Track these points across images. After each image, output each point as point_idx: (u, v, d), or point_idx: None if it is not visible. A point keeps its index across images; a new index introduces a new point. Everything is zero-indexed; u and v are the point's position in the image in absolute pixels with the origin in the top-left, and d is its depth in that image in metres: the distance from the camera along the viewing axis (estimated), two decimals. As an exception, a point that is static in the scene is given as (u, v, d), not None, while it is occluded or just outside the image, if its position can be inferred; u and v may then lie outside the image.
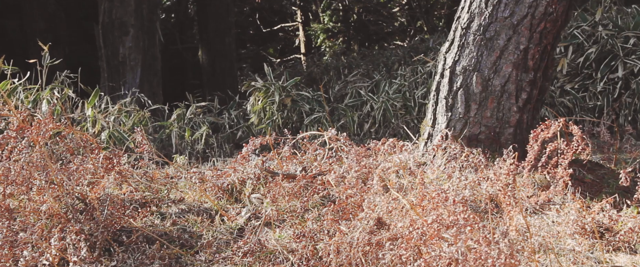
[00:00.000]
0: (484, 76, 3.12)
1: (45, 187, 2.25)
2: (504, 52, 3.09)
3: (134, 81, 6.75)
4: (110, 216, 2.26)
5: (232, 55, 9.50)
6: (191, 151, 5.17)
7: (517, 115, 3.14)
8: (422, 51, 7.36)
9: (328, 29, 11.64)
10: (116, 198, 2.40)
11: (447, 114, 3.20)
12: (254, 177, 2.79)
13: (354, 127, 5.41)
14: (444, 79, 3.23)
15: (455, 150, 2.84)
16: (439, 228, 1.76)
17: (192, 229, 2.46)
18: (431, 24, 11.05)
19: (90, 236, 2.19)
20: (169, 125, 5.37)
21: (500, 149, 3.07)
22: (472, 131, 3.16)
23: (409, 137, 3.71)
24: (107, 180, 2.44)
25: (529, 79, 3.12)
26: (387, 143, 2.64)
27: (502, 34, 3.08)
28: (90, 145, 2.72)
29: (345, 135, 2.94)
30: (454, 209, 1.79)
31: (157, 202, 2.64)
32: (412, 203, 1.98)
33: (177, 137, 5.27)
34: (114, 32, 6.78)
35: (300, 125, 5.47)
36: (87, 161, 2.51)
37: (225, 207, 2.68)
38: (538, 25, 3.05)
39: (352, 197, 2.24)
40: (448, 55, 3.23)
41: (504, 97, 3.13)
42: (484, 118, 3.15)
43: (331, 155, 2.95)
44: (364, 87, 6.11)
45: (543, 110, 4.72)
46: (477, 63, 3.13)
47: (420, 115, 5.25)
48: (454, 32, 3.23)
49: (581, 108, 5.15)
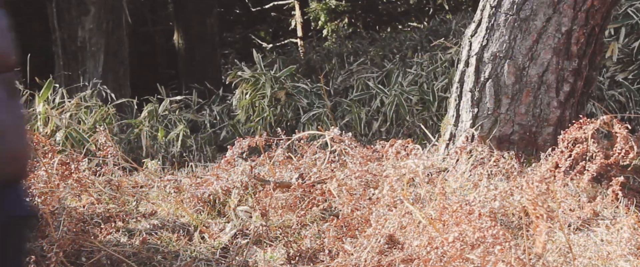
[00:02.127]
0: (518, 64, 3.12)
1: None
2: (542, 35, 3.09)
3: (95, 70, 6.75)
4: (67, 233, 2.26)
5: (215, 40, 9.50)
6: (165, 155, 5.18)
7: (557, 112, 3.14)
8: (442, 35, 7.36)
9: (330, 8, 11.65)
10: (74, 211, 2.41)
11: (473, 110, 3.21)
12: (240, 186, 2.79)
13: (361, 125, 5.41)
14: (470, 68, 3.23)
15: (483, 153, 2.84)
16: (462, 248, 1.76)
17: (166, 249, 2.46)
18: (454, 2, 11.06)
19: (42, 258, 2.20)
20: (138, 123, 5.38)
21: (537, 152, 3.07)
22: (503, 131, 3.16)
23: (427, 137, 3.72)
24: (63, 190, 2.44)
25: (572, 68, 3.12)
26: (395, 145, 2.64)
27: (540, 14, 3.08)
28: (42, 147, 2.73)
29: (350, 135, 2.95)
30: (480, 224, 1.79)
31: (124, 216, 2.64)
32: (431, 217, 1.98)
33: (148, 138, 5.28)
34: (72, 10, 6.78)
35: (296, 123, 5.47)
36: (38, 166, 2.51)
37: (206, 222, 2.69)
38: (584, 2, 3.05)
39: (358, 210, 2.25)
40: (474, 39, 3.23)
41: (542, 90, 3.13)
42: (518, 115, 3.15)
43: (333, 159, 2.96)
44: (372, 78, 6.11)
45: (589, 106, 4.72)
46: (509, 49, 3.13)
47: (441, 112, 5.26)
48: (482, 12, 3.23)
49: (636, 103, 5.15)
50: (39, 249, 2.21)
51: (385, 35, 9.06)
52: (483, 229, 1.74)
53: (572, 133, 2.62)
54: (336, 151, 2.99)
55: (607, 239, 2.40)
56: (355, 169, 2.46)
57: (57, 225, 2.27)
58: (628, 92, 5.21)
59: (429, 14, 11.40)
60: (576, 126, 2.62)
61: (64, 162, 2.60)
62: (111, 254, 2.35)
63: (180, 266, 2.34)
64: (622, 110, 5.13)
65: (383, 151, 2.70)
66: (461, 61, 3.32)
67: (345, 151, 2.91)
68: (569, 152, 2.61)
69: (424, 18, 11.29)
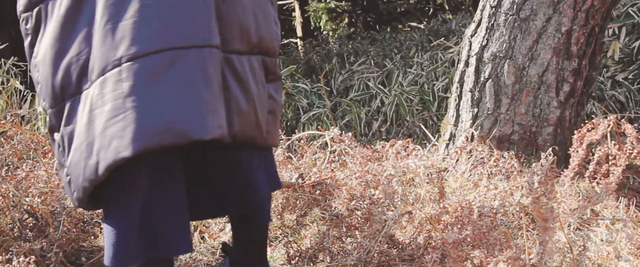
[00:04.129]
0: (518, 64, 3.13)
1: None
2: (542, 35, 3.10)
3: (95, 71, 6.74)
4: (67, 233, 2.26)
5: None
6: (164, 155, 5.18)
7: (557, 112, 3.14)
8: (443, 35, 7.37)
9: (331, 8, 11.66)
10: (74, 211, 2.41)
11: (473, 110, 3.21)
12: (240, 187, 2.79)
13: (361, 125, 5.42)
14: (470, 68, 3.24)
15: (483, 153, 2.85)
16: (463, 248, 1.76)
17: (166, 249, 2.46)
18: (454, 2, 11.06)
19: (42, 258, 2.20)
20: (138, 123, 5.37)
21: (537, 152, 3.08)
22: (503, 131, 3.16)
23: (427, 137, 3.72)
24: (62, 190, 2.44)
25: (572, 68, 3.13)
26: (396, 145, 2.64)
27: (540, 14, 3.08)
28: (42, 147, 2.73)
29: (350, 135, 2.95)
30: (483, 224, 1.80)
31: (123, 217, 2.64)
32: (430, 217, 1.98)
33: (147, 138, 5.27)
34: (72, 11, 6.77)
35: (296, 123, 5.47)
36: (38, 166, 2.52)
37: (206, 222, 2.69)
38: (584, 2, 3.05)
39: (358, 209, 2.25)
40: (474, 39, 3.24)
41: (542, 90, 3.13)
42: (518, 115, 3.15)
43: (334, 159, 2.96)
44: (373, 77, 6.12)
45: (589, 106, 4.73)
46: (509, 49, 3.13)
47: (441, 112, 5.26)
48: (482, 12, 3.23)
49: (637, 103, 5.15)
50: (39, 249, 2.21)
51: (385, 35, 9.05)
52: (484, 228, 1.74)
53: (584, 133, 2.61)
54: (336, 151, 2.99)
55: (607, 239, 2.40)
56: (356, 169, 2.46)
57: (57, 225, 2.27)
58: (629, 92, 5.21)
59: (429, 14, 11.40)
60: (589, 126, 2.61)
61: (64, 162, 2.60)
62: (111, 254, 2.35)
63: (180, 266, 2.33)
64: (622, 110, 5.13)
65: (383, 151, 2.70)
66: (461, 61, 3.32)
67: (345, 151, 2.91)
68: (585, 153, 2.61)
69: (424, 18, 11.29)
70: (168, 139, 1.46)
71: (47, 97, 1.61)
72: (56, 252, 2.18)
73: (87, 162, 1.54)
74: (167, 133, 1.46)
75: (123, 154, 1.46)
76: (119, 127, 1.47)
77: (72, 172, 1.59)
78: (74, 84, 1.56)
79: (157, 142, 1.46)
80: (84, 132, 1.54)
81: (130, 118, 1.46)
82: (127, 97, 1.47)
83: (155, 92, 1.48)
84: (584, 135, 2.62)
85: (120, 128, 1.47)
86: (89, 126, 1.53)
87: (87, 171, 1.54)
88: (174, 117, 1.47)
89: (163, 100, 1.48)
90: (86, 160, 1.54)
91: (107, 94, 1.50)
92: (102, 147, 1.49)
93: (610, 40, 5.32)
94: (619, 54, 5.32)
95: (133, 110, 1.46)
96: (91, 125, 1.53)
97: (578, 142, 2.63)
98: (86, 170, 1.54)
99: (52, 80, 1.58)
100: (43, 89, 1.61)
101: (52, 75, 1.58)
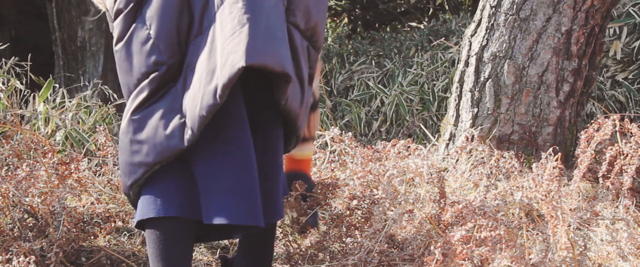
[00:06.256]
0: (518, 64, 3.13)
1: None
2: (542, 35, 3.10)
3: (95, 70, 6.75)
4: (67, 233, 2.26)
5: (214, 39, 9.49)
6: (164, 155, 5.17)
7: (557, 112, 3.14)
8: (443, 34, 7.36)
9: (329, 7, 11.65)
10: (74, 211, 2.41)
11: (473, 110, 3.21)
12: (240, 186, 2.78)
13: (361, 125, 5.41)
14: (469, 68, 3.24)
15: (483, 153, 2.84)
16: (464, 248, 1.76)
17: (166, 249, 2.46)
18: (454, 2, 11.06)
19: (42, 258, 2.20)
20: (138, 123, 5.36)
21: (537, 152, 3.07)
22: (503, 131, 3.16)
23: (427, 137, 3.72)
24: (62, 190, 2.44)
25: (572, 68, 3.13)
26: (397, 145, 2.64)
27: (540, 13, 3.08)
28: (42, 147, 2.73)
29: (350, 135, 2.95)
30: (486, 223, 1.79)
31: (124, 216, 2.64)
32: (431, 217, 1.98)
33: (147, 138, 5.26)
34: (71, 10, 6.77)
35: (296, 123, 5.45)
36: (38, 166, 2.51)
37: (205, 222, 2.68)
38: (583, 2, 3.05)
39: (358, 209, 2.25)
40: (474, 39, 3.24)
41: (542, 90, 3.13)
42: (518, 115, 3.15)
43: (333, 159, 2.96)
44: (373, 77, 6.11)
45: (589, 106, 4.72)
46: (509, 48, 3.13)
47: (441, 112, 5.26)
48: (482, 12, 3.23)
49: (637, 103, 5.15)
50: (39, 249, 2.21)
51: (385, 35, 9.04)
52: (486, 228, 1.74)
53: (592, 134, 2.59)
54: (336, 150, 2.99)
55: (607, 239, 2.40)
56: (356, 169, 2.46)
57: (57, 225, 2.27)
58: (629, 92, 5.20)
59: (429, 13, 11.40)
60: (595, 126, 2.60)
61: (64, 162, 2.60)
62: (111, 254, 2.35)
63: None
64: (622, 110, 5.12)
65: (384, 151, 2.70)
66: (461, 61, 3.32)
67: (346, 151, 2.91)
68: (594, 153, 2.60)
69: (425, 18, 11.29)
70: (270, 60, 1.61)
71: (165, 49, 1.70)
72: (56, 252, 2.18)
73: (206, 89, 1.63)
74: (269, 56, 1.61)
75: (238, 66, 1.56)
76: (235, 42, 1.59)
77: (188, 105, 1.67)
78: (197, 24, 1.70)
79: (262, 61, 1.59)
80: (206, 60, 1.65)
81: (244, 33, 1.60)
82: (243, 15, 1.61)
83: (259, 17, 1.63)
84: (592, 135, 2.60)
85: (235, 43, 1.59)
86: (211, 54, 1.65)
87: (205, 98, 1.62)
88: (272, 46, 1.63)
89: (264, 29, 1.63)
90: (205, 87, 1.63)
91: (226, 18, 1.63)
92: (221, 67, 1.60)
93: (611, 40, 5.31)
94: (620, 54, 5.32)
95: (247, 28, 1.60)
96: (213, 53, 1.64)
97: (586, 143, 2.61)
98: (204, 98, 1.62)
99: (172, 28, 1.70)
100: (161, 40, 1.70)
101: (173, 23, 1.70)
